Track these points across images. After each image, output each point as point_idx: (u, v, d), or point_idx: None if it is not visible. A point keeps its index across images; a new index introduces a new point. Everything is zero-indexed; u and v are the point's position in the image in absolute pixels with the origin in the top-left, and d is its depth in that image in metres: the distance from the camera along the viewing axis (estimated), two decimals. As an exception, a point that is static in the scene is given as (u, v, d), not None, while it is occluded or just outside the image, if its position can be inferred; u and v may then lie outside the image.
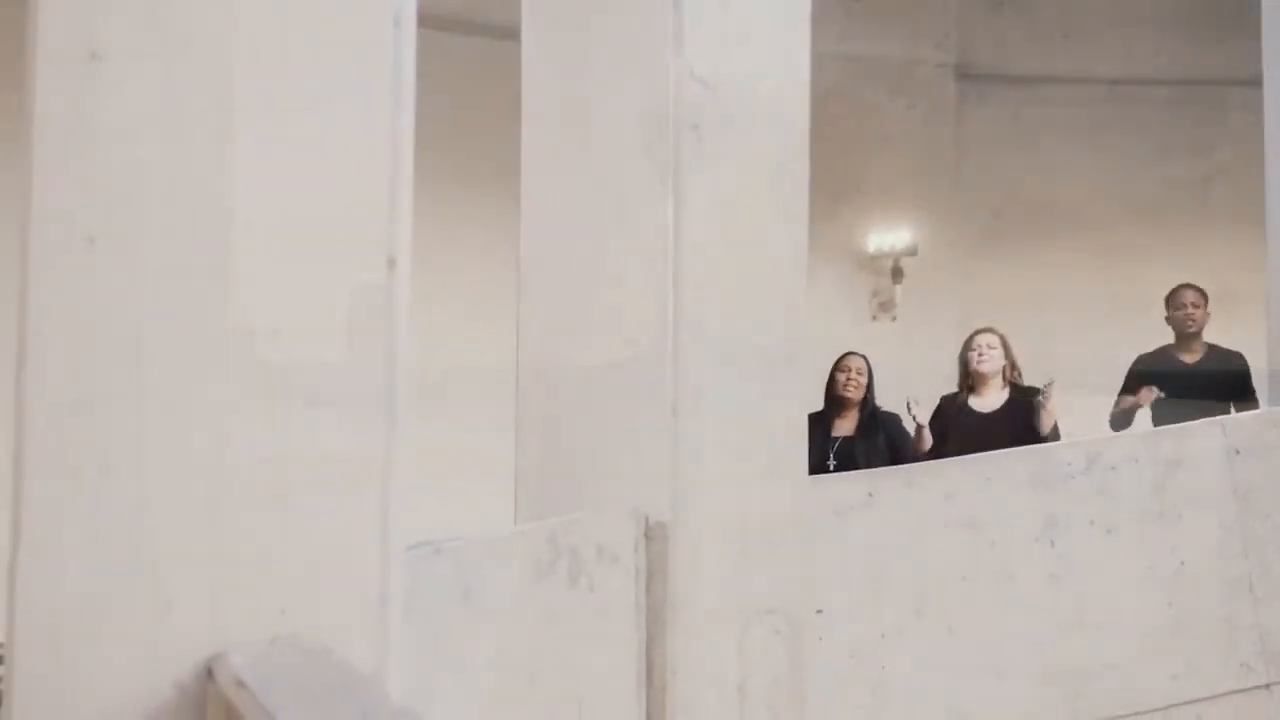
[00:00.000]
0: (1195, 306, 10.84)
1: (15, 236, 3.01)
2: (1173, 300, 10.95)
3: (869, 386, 10.60)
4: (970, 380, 10.30)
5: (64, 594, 2.96)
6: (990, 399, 10.22)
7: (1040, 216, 17.85)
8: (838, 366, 10.54)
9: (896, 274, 17.48)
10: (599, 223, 6.08)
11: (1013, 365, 10.31)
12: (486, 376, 9.49)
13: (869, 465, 9.59)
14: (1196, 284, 10.94)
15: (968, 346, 10.41)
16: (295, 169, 3.17)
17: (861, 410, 10.48)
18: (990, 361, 10.20)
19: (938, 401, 10.65)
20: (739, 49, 6.18)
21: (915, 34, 17.88)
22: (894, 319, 17.35)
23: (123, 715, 2.96)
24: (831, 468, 9.82)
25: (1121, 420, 10.61)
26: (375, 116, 3.25)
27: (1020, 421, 9.99)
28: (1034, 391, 10.16)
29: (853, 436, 10.32)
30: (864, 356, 10.71)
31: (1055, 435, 9.89)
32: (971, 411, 10.25)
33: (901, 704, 6.90)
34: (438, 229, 5.61)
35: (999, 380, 10.20)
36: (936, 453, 9.89)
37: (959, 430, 10.07)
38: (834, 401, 10.41)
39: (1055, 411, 9.93)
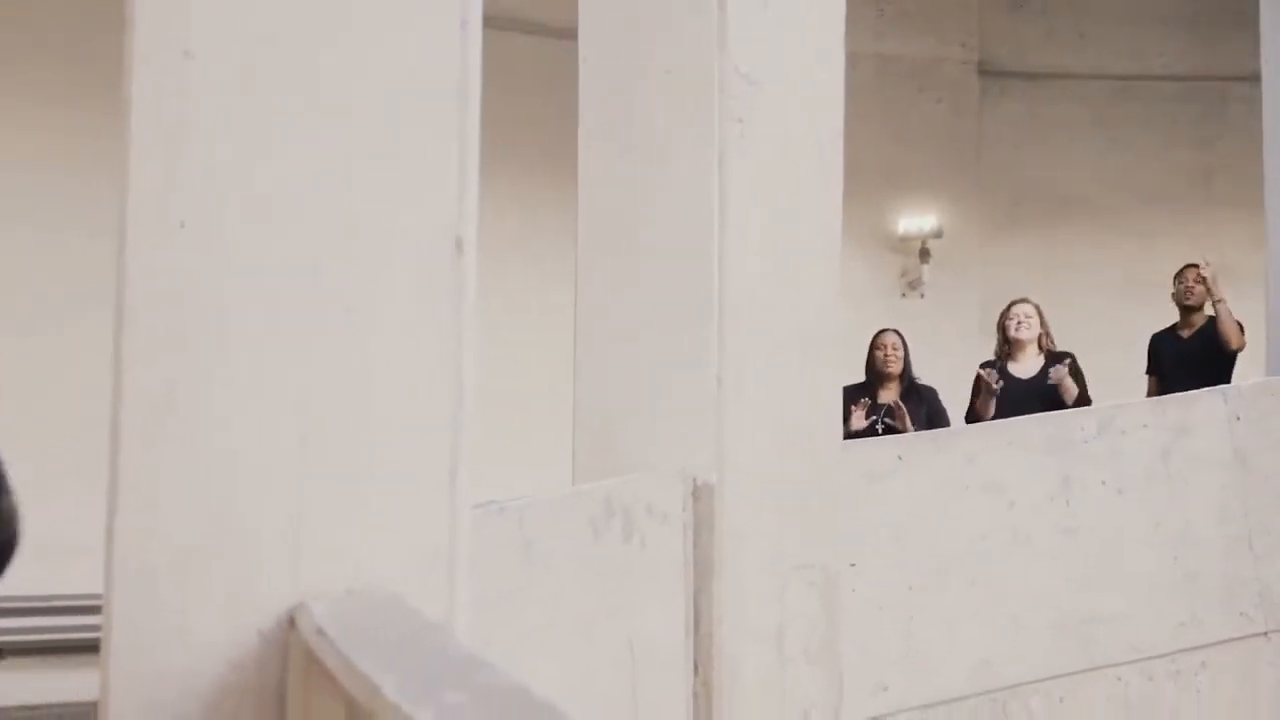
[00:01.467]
0: (1196, 282, 10.78)
1: (114, 220, 3.02)
2: (1179, 277, 10.92)
3: (905, 359, 10.63)
4: (1007, 347, 10.30)
5: (157, 550, 2.97)
6: (1027, 365, 10.24)
7: (1055, 202, 18.01)
8: (875, 344, 10.58)
9: (924, 255, 17.57)
10: (650, 208, 6.08)
11: (1046, 333, 10.32)
12: (546, 350, 9.51)
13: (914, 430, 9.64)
14: (1202, 263, 10.87)
15: (1005, 316, 10.45)
16: (369, 159, 3.17)
17: (902, 381, 10.51)
18: (1027, 329, 10.26)
19: (978, 369, 10.67)
20: (779, 47, 6.16)
21: (941, 34, 18.04)
22: (921, 296, 17.46)
23: (211, 662, 2.96)
24: (880, 431, 9.83)
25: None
26: (443, 110, 3.24)
27: (1056, 387, 9.95)
28: (1067, 357, 10.17)
29: (898, 402, 10.30)
30: (898, 332, 10.75)
31: (1087, 400, 9.90)
32: (1009, 376, 10.24)
33: (928, 651, 6.89)
34: (501, 215, 5.61)
35: (1034, 347, 10.22)
36: (973, 414, 9.93)
37: (998, 395, 10.04)
38: (876, 375, 10.41)
39: (1072, 389, 9.90)
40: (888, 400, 10.39)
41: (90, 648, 3.04)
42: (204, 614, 2.97)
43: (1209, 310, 10.73)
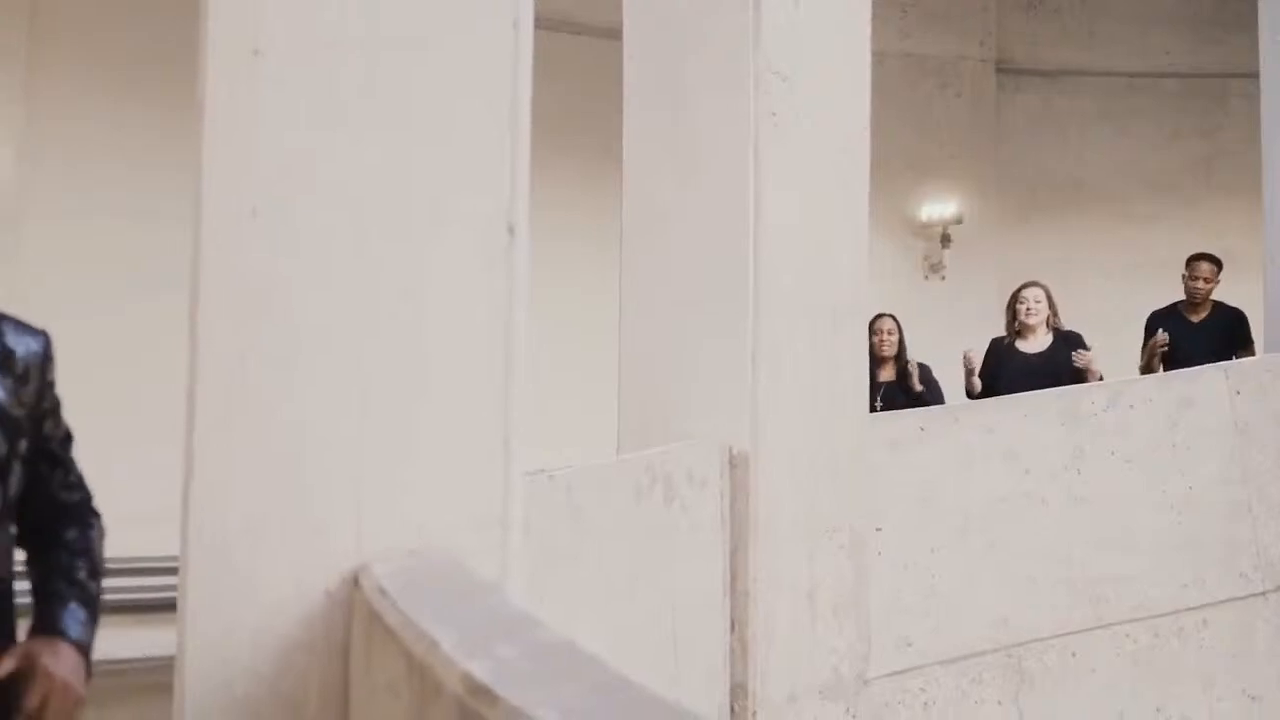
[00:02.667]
0: (1207, 281, 10.75)
1: (182, 210, 3.04)
2: (1191, 267, 10.83)
3: (900, 342, 10.75)
4: (1017, 326, 10.29)
5: (230, 515, 2.98)
6: (1036, 342, 10.20)
7: (1068, 190, 18.05)
8: (872, 328, 10.46)
9: (945, 240, 17.54)
10: (690, 194, 6.08)
11: (1055, 314, 10.31)
12: (593, 328, 9.51)
13: (908, 407, 9.67)
14: (1208, 253, 10.87)
15: (1016, 299, 10.42)
16: (427, 151, 3.17)
17: (897, 362, 10.63)
18: (1036, 315, 10.21)
19: (989, 344, 10.68)
20: (810, 46, 6.16)
21: (961, 34, 18.03)
22: (943, 278, 17.47)
23: (280, 619, 2.98)
24: (879, 408, 9.87)
25: (1149, 360, 10.59)
26: (497, 106, 3.24)
27: (1062, 361, 9.97)
28: (1074, 335, 10.21)
29: (894, 382, 10.50)
30: (893, 316, 10.88)
31: (1100, 378, 9.90)
32: (1019, 353, 10.24)
33: (948, 609, 6.88)
34: (549, 203, 5.60)
35: (1043, 328, 10.19)
36: (988, 388, 9.92)
37: (1009, 369, 10.08)
38: (873, 358, 10.35)
39: (1097, 369, 9.90)
40: (885, 378, 10.54)
41: (169, 606, 3.04)
42: (274, 575, 2.98)
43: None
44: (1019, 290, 10.48)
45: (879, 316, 10.68)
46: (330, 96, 3.13)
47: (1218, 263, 10.83)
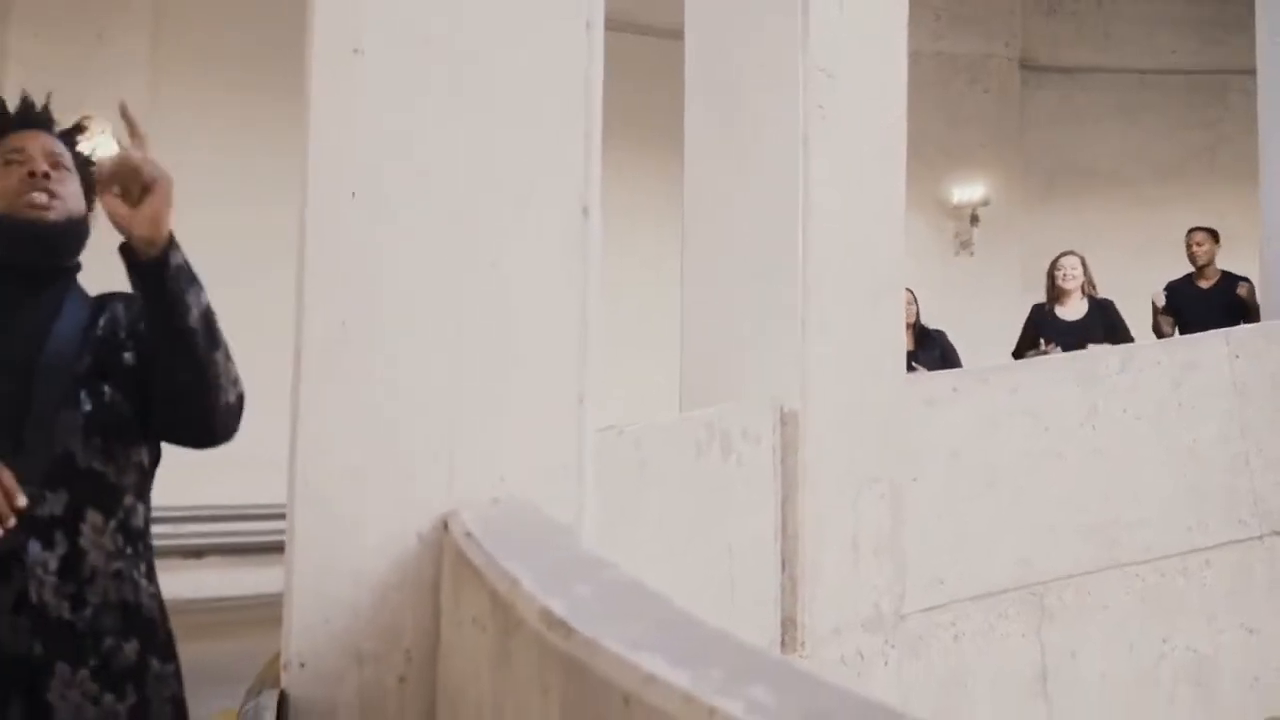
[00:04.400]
0: (1199, 245, 10.82)
1: (286, 192, 3.04)
2: (1189, 238, 10.93)
3: (917, 313, 10.67)
4: (1055, 293, 10.26)
5: (331, 466, 3.00)
6: (1073, 309, 10.17)
7: (1084, 175, 18.27)
8: None
9: (974, 220, 17.80)
10: (745, 179, 6.06)
11: (1090, 282, 10.29)
12: (658, 298, 9.51)
13: (928, 370, 9.71)
14: (1205, 225, 10.93)
15: (1054, 266, 10.43)
16: (510, 139, 3.17)
17: (915, 330, 10.53)
18: (1072, 280, 10.21)
19: (1030, 311, 10.67)
20: (852, 47, 6.15)
21: (988, 35, 18.24)
22: (971, 254, 17.69)
23: (377, 558, 2.99)
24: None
25: (1156, 322, 10.64)
26: (572, 98, 3.24)
27: (1098, 326, 10.02)
28: (1108, 303, 10.23)
29: (914, 349, 10.39)
30: (909, 289, 10.79)
31: (1130, 338, 9.93)
32: (1058, 319, 10.19)
33: (977, 553, 6.86)
34: (620, 186, 5.62)
35: (1078, 294, 10.17)
36: (1030, 348, 9.92)
37: (1047, 333, 10.03)
38: None
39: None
40: (906, 346, 10.44)
41: (276, 548, 3.03)
42: (371, 520, 2.99)
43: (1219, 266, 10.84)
44: (1057, 258, 10.49)
45: None
46: (421, 90, 3.14)
47: (1211, 232, 10.89)
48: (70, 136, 3.23)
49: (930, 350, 10.51)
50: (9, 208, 2.98)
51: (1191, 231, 11.00)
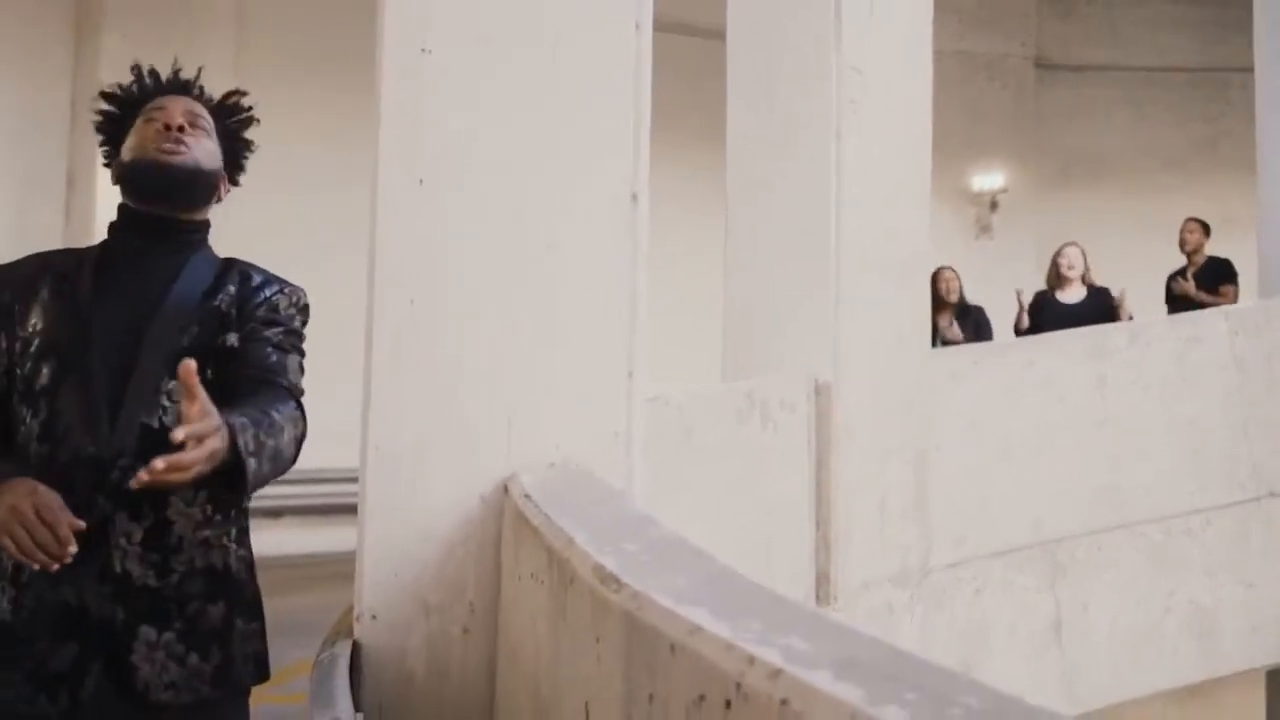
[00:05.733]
0: (1190, 233, 11.10)
1: (354, 180, 3.06)
2: (1183, 226, 11.17)
3: (960, 290, 10.74)
4: (1057, 280, 10.34)
5: (401, 434, 3.02)
6: (1072, 294, 10.26)
7: (1095, 165, 18.33)
8: (937, 277, 10.70)
9: (993, 206, 17.96)
10: (783, 168, 6.05)
11: (1088, 269, 10.38)
12: (702, 278, 9.50)
13: (965, 343, 9.81)
14: (1198, 217, 11.15)
15: (1058, 255, 10.64)
16: (565, 130, 3.19)
17: (957, 305, 10.56)
18: (1074, 269, 10.33)
19: (1034, 295, 10.75)
20: (881, 46, 6.13)
21: (1006, 35, 18.38)
22: (991, 238, 17.78)
23: (443, 519, 3.01)
24: (940, 344, 9.96)
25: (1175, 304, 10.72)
26: (622, 94, 3.26)
27: (1095, 310, 10.13)
28: (1104, 290, 10.29)
29: (955, 323, 10.50)
30: (953, 269, 10.95)
31: (1130, 317, 10.06)
32: (1059, 303, 10.31)
33: (996, 515, 6.83)
34: (666, 174, 5.62)
35: (1078, 281, 10.24)
36: (1034, 330, 9.94)
37: (1050, 316, 10.14)
38: (937, 301, 10.48)
39: (1131, 310, 10.05)
40: (944, 323, 10.57)
41: (349, 509, 3.03)
42: (437, 483, 3.01)
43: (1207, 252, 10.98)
44: (1061, 249, 10.70)
45: (942, 268, 10.98)
46: (484, 85, 3.15)
47: (1203, 224, 11.11)
48: (221, 107, 3.21)
49: (966, 324, 10.59)
50: (141, 155, 2.97)
51: (1186, 221, 11.26)
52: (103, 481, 2.62)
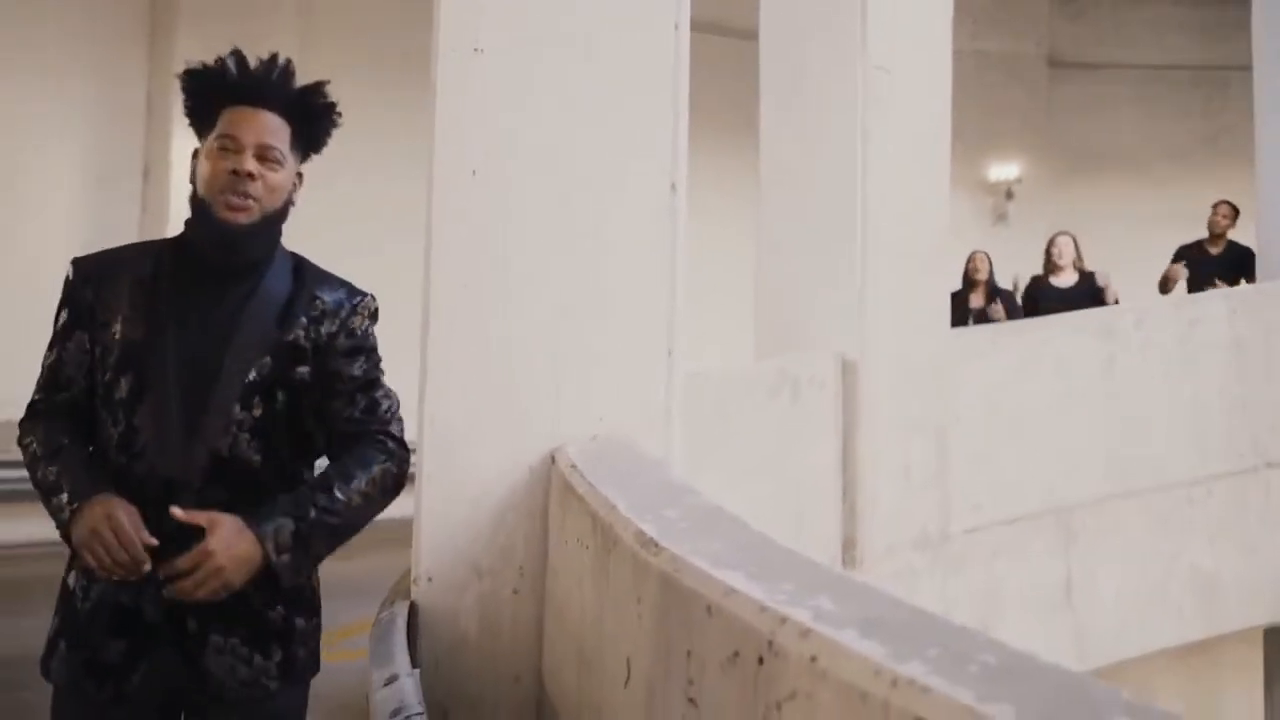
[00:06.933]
0: (1225, 217, 10.77)
1: (410, 171, 3.06)
2: (1215, 208, 10.88)
3: (990, 273, 10.74)
4: (1051, 266, 10.38)
5: (455, 408, 3.04)
6: (1065, 279, 10.29)
7: (1103, 157, 18.38)
8: (971, 260, 10.80)
9: (1008, 195, 18.18)
10: (812, 161, 6.05)
11: (1079, 256, 10.42)
12: (737, 262, 9.49)
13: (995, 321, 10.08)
14: (1231, 201, 10.91)
15: (1051, 244, 10.62)
16: (609, 124, 3.20)
17: (986, 288, 10.61)
18: (1065, 256, 10.37)
19: (1030, 280, 10.89)
20: (904, 47, 6.12)
21: (1020, 35, 18.51)
22: (1006, 225, 17.95)
23: (494, 486, 3.03)
24: (971, 323, 10.02)
25: (1165, 285, 10.58)
26: (662, 90, 3.27)
27: (1086, 294, 10.12)
28: (1091, 275, 10.32)
29: (984, 306, 10.46)
30: (986, 253, 10.93)
31: (1116, 301, 10.03)
32: (1053, 287, 10.32)
33: (1010, 484, 6.81)
34: (704, 165, 5.63)
35: (1070, 267, 10.27)
36: (1030, 313, 9.95)
37: (1045, 298, 10.20)
38: (969, 283, 10.66)
39: (1116, 291, 10.04)
40: (977, 303, 10.63)
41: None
42: (489, 453, 3.02)
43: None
44: (1053, 238, 10.74)
45: (976, 253, 11.10)
46: (533, 82, 3.16)
47: (1234, 207, 10.83)
48: (304, 98, 2.88)
49: (996, 305, 10.63)
50: (209, 196, 2.69)
51: (1219, 204, 10.92)
52: (174, 501, 2.59)
